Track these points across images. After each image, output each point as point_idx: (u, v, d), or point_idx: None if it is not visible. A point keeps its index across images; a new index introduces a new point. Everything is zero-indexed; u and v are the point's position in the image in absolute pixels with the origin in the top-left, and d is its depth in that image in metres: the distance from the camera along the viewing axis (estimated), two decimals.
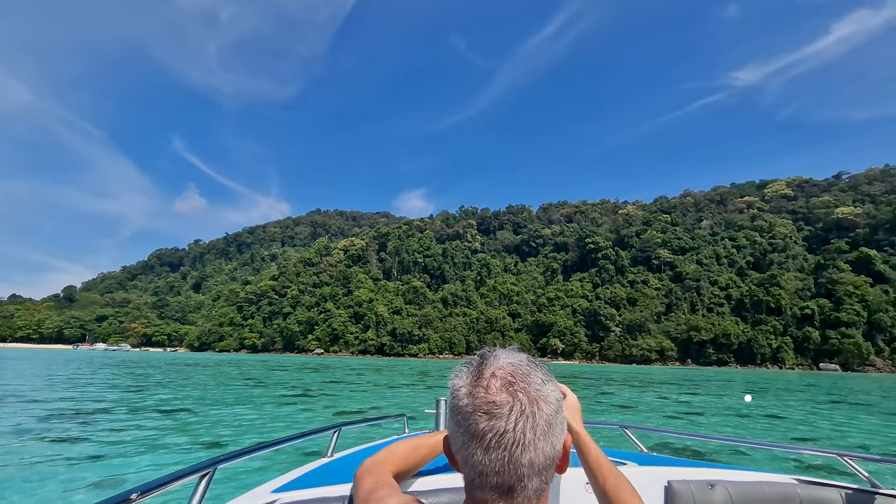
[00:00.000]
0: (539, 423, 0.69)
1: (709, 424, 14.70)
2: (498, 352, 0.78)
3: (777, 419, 16.13)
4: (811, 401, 24.92)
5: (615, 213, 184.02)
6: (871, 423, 15.59)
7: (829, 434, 13.10)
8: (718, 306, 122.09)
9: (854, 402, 23.67)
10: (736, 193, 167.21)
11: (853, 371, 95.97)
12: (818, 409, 20.46)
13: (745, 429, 14.07)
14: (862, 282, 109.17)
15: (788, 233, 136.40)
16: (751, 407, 20.48)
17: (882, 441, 12.41)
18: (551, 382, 0.75)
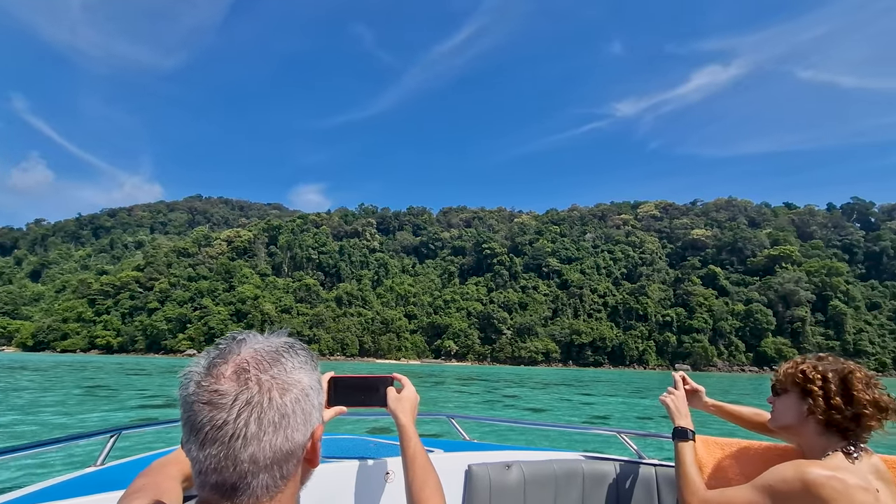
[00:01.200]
0: (269, 413, 0.62)
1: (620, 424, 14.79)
2: (250, 336, 0.70)
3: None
4: None
5: (511, 222, 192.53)
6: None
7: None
8: (597, 312, 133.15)
9: (713, 394, 27.04)
10: (615, 211, 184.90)
11: (700, 371, 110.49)
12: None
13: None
14: (709, 294, 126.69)
15: (655, 249, 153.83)
16: (648, 408, 21.65)
17: None
18: (305, 370, 0.69)
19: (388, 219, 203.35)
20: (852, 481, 1.20)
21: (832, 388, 1.30)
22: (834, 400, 1.29)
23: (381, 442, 1.91)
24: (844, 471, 1.22)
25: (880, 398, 1.29)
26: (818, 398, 1.31)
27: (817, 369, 1.35)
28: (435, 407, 21.39)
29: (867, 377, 1.31)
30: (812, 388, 1.33)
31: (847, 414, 1.28)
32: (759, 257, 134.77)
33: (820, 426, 1.32)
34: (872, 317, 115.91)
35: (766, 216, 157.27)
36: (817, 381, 1.33)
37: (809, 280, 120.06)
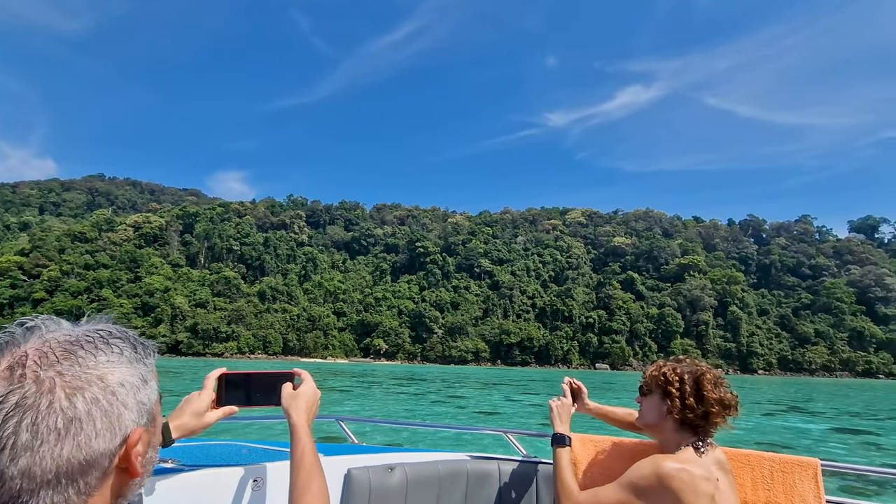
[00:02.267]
0: (48, 418, 0.49)
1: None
2: (47, 324, 0.57)
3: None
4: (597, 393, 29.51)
5: (445, 221, 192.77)
6: (622, 403, 18.36)
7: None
8: (525, 313, 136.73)
9: (620, 392, 28.64)
10: (545, 216, 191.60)
11: (617, 370, 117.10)
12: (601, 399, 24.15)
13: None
14: (628, 298, 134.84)
15: (581, 254, 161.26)
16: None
17: None
18: (118, 364, 0.56)
19: (318, 212, 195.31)
20: (697, 472, 1.37)
21: (687, 388, 1.44)
22: (688, 400, 1.43)
23: (255, 447, 1.80)
24: (692, 463, 1.40)
25: (725, 396, 1.44)
26: (675, 399, 1.45)
27: (676, 371, 1.49)
28: (374, 411, 19.58)
29: (715, 378, 1.46)
30: (671, 390, 1.46)
31: (699, 412, 1.43)
32: (671, 265, 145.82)
33: (676, 424, 1.47)
34: (762, 322, 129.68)
35: (678, 228, 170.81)
36: (675, 382, 1.46)
37: (713, 287, 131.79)
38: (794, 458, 1.70)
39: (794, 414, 25.77)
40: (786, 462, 1.69)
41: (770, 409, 27.69)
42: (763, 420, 22.25)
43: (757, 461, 1.71)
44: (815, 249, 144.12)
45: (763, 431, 17.71)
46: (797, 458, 1.70)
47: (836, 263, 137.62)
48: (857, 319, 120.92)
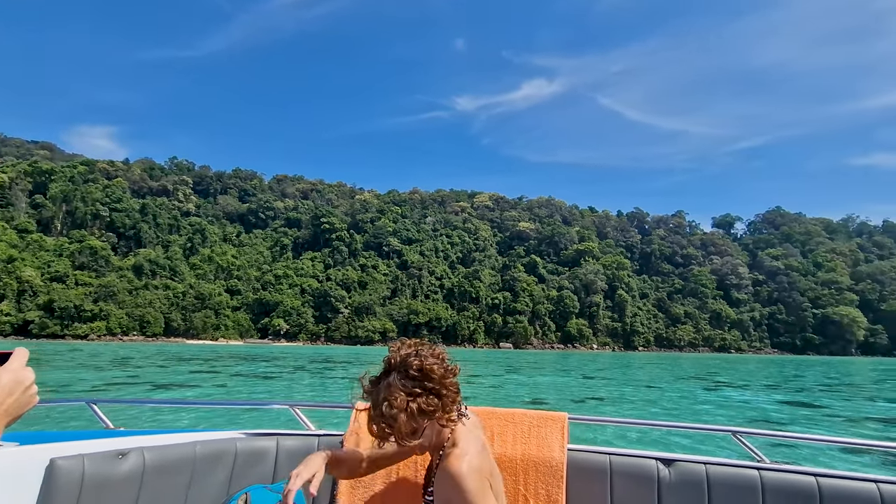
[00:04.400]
0: None
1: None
2: None
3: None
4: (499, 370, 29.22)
5: (352, 198, 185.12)
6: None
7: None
8: (434, 294, 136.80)
9: (522, 367, 32.34)
10: (454, 198, 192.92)
11: (520, 348, 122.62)
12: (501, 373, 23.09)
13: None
14: (531, 280, 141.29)
15: (488, 237, 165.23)
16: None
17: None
18: None
19: (208, 179, 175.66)
20: (479, 450, 1.36)
21: (429, 385, 1.33)
22: (430, 397, 1.32)
23: None
24: (469, 442, 1.36)
25: (444, 368, 1.38)
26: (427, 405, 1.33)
27: (402, 391, 1.34)
28: (333, 394, 16.70)
29: (423, 362, 1.33)
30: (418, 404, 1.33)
31: (442, 399, 1.35)
32: (569, 251, 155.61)
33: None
34: (643, 304, 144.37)
35: (576, 216, 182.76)
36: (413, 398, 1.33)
37: (604, 272, 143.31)
38: (547, 414, 1.92)
39: (725, 388, 27.21)
40: (541, 417, 1.90)
41: (699, 383, 29.12)
42: (705, 394, 23.00)
43: (519, 418, 1.91)
44: (686, 241, 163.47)
45: (720, 405, 18.16)
46: (549, 414, 1.92)
47: (702, 254, 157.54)
48: (717, 303, 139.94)
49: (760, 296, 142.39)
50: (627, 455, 1.87)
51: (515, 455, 1.83)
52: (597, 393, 20.58)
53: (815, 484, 1.70)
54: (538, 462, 1.82)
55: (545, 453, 1.83)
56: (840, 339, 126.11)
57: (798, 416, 15.51)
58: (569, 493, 1.80)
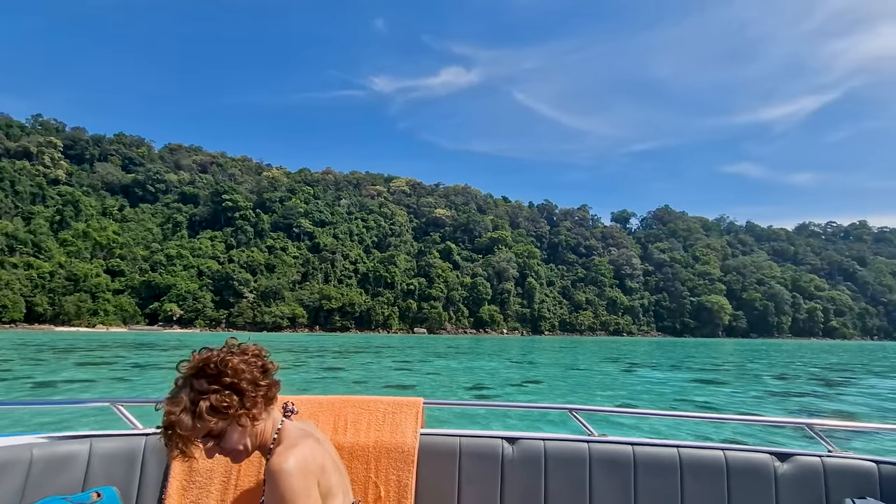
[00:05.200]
0: None
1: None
2: None
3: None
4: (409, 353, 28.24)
5: (259, 175, 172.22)
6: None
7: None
8: (347, 278, 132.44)
9: (448, 353, 31.84)
10: (369, 181, 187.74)
11: (434, 333, 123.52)
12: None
13: None
14: (446, 267, 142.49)
15: (404, 222, 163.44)
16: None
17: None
18: None
19: (82, 143, 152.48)
20: (311, 442, 1.33)
21: (240, 383, 1.28)
22: (247, 389, 1.28)
23: None
24: (298, 436, 1.35)
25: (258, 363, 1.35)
26: (239, 402, 1.28)
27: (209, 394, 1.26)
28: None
29: (224, 358, 1.28)
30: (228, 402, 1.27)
31: (263, 393, 1.33)
32: (483, 238, 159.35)
33: (254, 418, 1.32)
34: (550, 291, 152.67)
35: (490, 205, 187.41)
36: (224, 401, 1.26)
37: (516, 260, 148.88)
38: (402, 400, 1.97)
39: (641, 368, 28.69)
40: (396, 404, 1.96)
41: (619, 366, 30.52)
42: (626, 375, 24.02)
43: (375, 406, 1.95)
44: (589, 233, 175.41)
45: (651, 384, 19.00)
46: (405, 399, 1.97)
47: (602, 246, 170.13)
48: (613, 290, 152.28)
49: (649, 285, 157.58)
50: (477, 436, 1.97)
51: (369, 443, 1.85)
52: (532, 376, 20.44)
53: (630, 452, 1.96)
54: (391, 448, 1.84)
55: (398, 439, 1.86)
56: (710, 323, 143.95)
57: (708, 391, 16.46)
58: (419, 475, 1.86)
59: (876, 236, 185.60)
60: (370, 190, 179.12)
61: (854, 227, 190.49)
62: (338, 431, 1.87)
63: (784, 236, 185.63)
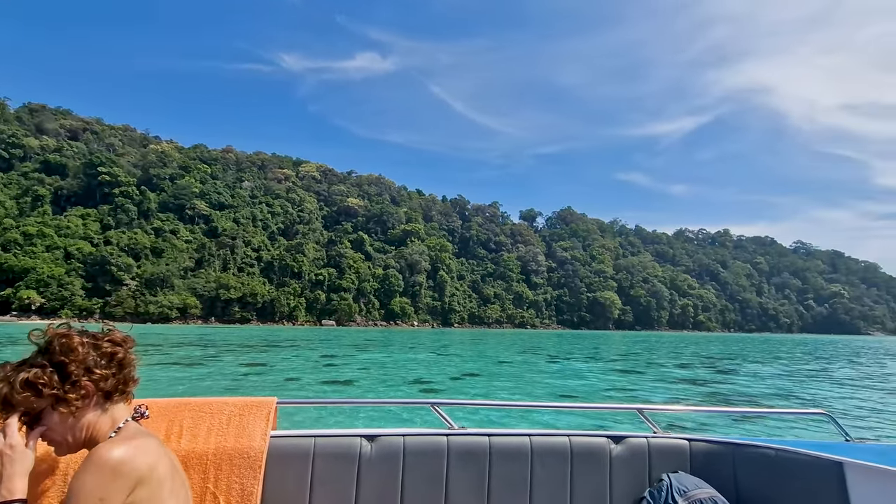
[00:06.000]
0: None
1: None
2: None
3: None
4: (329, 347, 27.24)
5: (144, 147, 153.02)
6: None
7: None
8: (249, 266, 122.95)
9: (354, 345, 29.13)
10: (276, 163, 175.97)
11: (343, 325, 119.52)
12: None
13: None
14: (358, 257, 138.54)
15: (313, 209, 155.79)
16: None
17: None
18: None
19: None
20: (152, 444, 1.18)
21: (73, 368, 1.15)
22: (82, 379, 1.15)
23: None
24: (130, 440, 1.16)
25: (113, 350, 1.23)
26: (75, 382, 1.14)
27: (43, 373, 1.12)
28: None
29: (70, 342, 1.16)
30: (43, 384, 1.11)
31: (113, 383, 1.22)
32: (396, 230, 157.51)
33: (93, 408, 1.18)
34: (460, 285, 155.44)
35: (404, 197, 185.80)
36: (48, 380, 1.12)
37: (428, 253, 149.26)
38: (252, 401, 1.83)
39: (561, 360, 29.51)
40: (244, 405, 1.81)
41: (541, 357, 31.16)
42: (553, 366, 24.46)
43: (218, 408, 1.78)
44: (499, 229, 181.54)
45: (582, 376, 19.38)
46: (255, 400, 1.84)
47: (510, 242, 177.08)
48: (519, 285, 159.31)
49: (552, 280, 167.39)
50: (333, 435, 1.89)
51: (208, 450, 1.68)
52: (468, 368, 19.80)
53: (487, 442, 2.01)
54: (234, 454, 1.70)
55: (244, 443, 1.72)
56: (602, 316, 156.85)
57: (634, 381, 17.08)
58: (266, 482, 1.75)
59: (735, 243, 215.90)
60: (277, 173, 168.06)
61: (719, 235, 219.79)
62: (170, 439, 1.66)
63: (665, 240, 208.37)
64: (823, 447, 2.00)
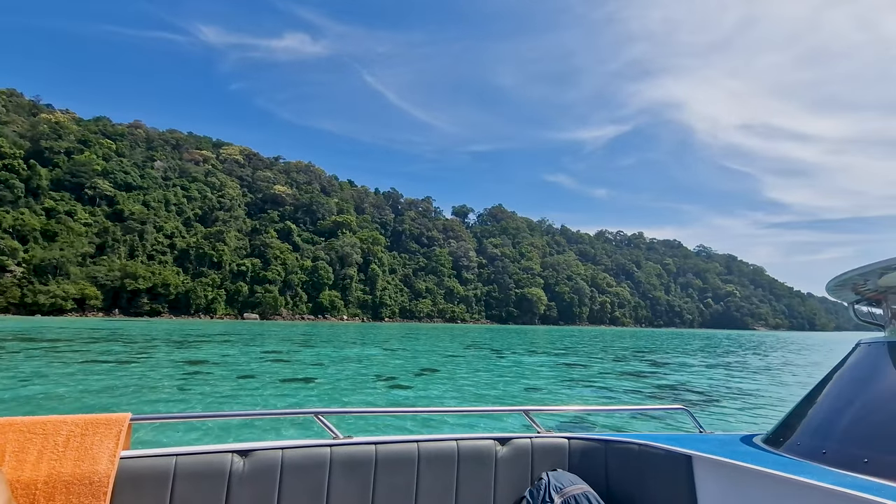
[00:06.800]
0: None
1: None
2: None
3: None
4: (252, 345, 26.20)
5: (34, 116, 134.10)
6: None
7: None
8: (161, 254, 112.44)
9: (291, 340, 27.85)
10: (193, 143, 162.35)
11: (268, 319, 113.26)
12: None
13: None
14: (285, 248, 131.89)
15: (236, 195, 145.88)
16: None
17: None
18: None
19: None
20: None
21: None
22: None
23: None
24: None
25: None
26: None
27: None
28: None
29: None
30: None
31: None
32: (327, 221, 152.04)
33: None
34: (392, 278, 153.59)
35: (335, 187, 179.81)
36: None
37: (360, 246, 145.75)
38: (99, 418, 1.62)
39: (508, 354, 29.72)
40: (88, 424, 1.59)
41: (485, 351, 31.16)
42: (502, 360, 24.50)
43: (54, 428, 1.56)
44: (432, 224, 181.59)
45: (529, 367, 19.45)
46: (103, 417, 1.63)
47: (443, 237, 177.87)
48: (451, 280, 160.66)
49: (482, 276, 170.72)
50: (199, 453, 1.73)
51: (37, 478, 1.45)
52: (425, 364, 19.06)
53: (373, 451, 1.95)
54: (72, 481, 1.48)
55: (85, 468, 1.50)
56: (529, 312, 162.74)
57: (587, 375, 17.43)
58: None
59: (648, 245, 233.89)
60: (194, 154, 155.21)
61: (635, 237, 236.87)
62: None
63: (588, 240, 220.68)
64: (677, 440, 2.14)
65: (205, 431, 6.95)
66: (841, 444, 1.66)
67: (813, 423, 1.86)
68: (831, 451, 1.65)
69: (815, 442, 1.76)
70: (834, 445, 1.68)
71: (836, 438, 1.71)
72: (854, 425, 1.69)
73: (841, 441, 1.68)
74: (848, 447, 1.63)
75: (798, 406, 2.06)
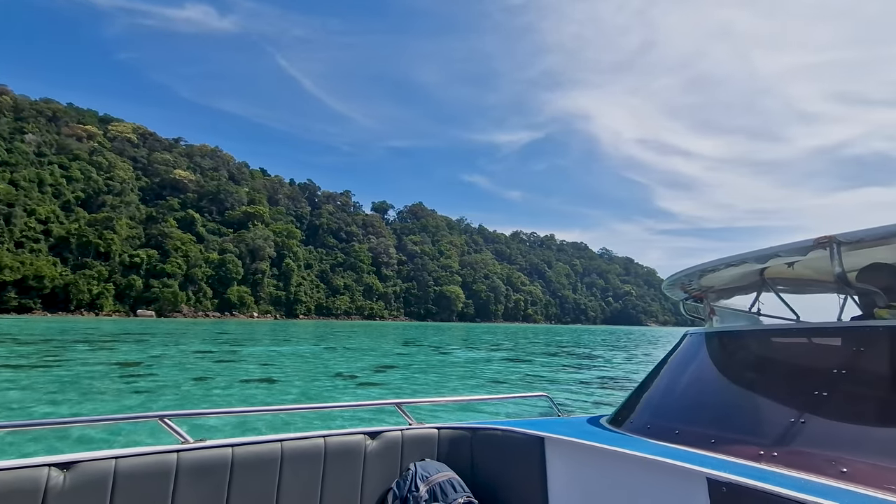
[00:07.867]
0: None
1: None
2: None
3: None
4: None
5: None
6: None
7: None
8: (34, 242, 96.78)
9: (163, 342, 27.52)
10: (75, 117, 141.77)
11: (166, 316, 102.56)
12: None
13: None
14: (187, 239, 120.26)
15: (128, 178, 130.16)
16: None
17: None
18: None
19: None
20: None
21: None
22: None
23: None
24: None
25: None
26: None
27: None
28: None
29: None
30: None
31: None
32: (236, 211, 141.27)
33: None
34: (307, 274, 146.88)
35: (245, 176, 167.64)
36: None
37: (273, 239, 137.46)
38: None
39: (450, 350, 29.57)
40: None
41: (424, 348, 30.70)
42: (440, 355, 24.30)
43: None
44: (350, 219, 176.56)
45: (487, 362, 19.45)
46: None
47: (362, 233, 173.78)
48: (370, 277, 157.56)
49: (402, 273, 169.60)
50: (5, 468, 1.49)
51: None
52: (375, 362, 18.04)
53: (229, 454, 1.85)
54: None
55: None
56: (447, 309, 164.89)
57: (537, 368, 17.77)
58: None
59: (559, 247, 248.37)
60: (76, 129, 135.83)
61: (547, 238, 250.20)
62: None
63: (504, 240, 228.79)
64: (534, 425, 2.31)
65: (12, 444, 5.81)
66: (660, 419, 1.92)
67: (643, 404, 2.13)
68: (654, 426, 1.90)
69: (644, 419, 2.01)
70: (656, 421, 1.93)
71: (658, 415, 1.99)
72: (672, 403, 1.98)
73: (661, 417, 1.95)
74: (665, 422, 1.88)
75: (636, 389, 2.28)
